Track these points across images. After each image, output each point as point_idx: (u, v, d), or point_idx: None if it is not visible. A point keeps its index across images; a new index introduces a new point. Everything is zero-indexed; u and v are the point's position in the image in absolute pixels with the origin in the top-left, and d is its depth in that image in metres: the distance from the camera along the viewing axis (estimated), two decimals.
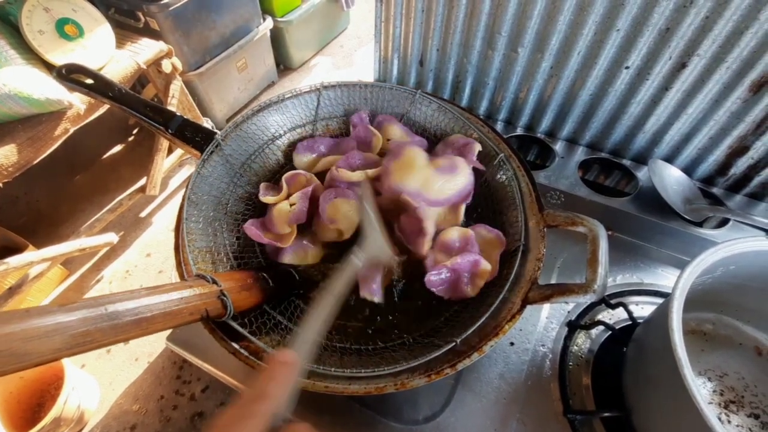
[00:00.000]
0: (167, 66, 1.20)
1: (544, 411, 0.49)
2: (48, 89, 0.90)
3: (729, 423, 0.46)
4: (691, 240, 0.61)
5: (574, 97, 0.69)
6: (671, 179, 0.65)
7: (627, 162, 0.71)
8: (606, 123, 0.70)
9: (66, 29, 1.00)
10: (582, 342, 0.54)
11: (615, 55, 0.61)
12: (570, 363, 0.52)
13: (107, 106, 1.04)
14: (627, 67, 0.61)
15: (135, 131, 1.79)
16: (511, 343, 0.54)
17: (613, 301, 0.54)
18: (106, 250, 1.38)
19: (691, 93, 0.60)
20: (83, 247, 1.17)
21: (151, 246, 1.44)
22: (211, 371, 0.53)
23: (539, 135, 0.76)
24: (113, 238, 1.27)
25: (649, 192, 0.64)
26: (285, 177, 0.55)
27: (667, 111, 0.63)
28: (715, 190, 0.68)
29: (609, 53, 0.61)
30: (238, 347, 0.40)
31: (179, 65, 1.25)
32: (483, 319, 0.41)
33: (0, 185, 0.91)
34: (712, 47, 0.54)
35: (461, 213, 0.54)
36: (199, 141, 0.53)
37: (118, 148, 1.73)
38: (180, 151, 1.47)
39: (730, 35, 0.53)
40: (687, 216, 0.61)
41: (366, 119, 0.63)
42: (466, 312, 0.48)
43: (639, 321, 0.52)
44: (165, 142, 1.32)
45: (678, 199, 0.62)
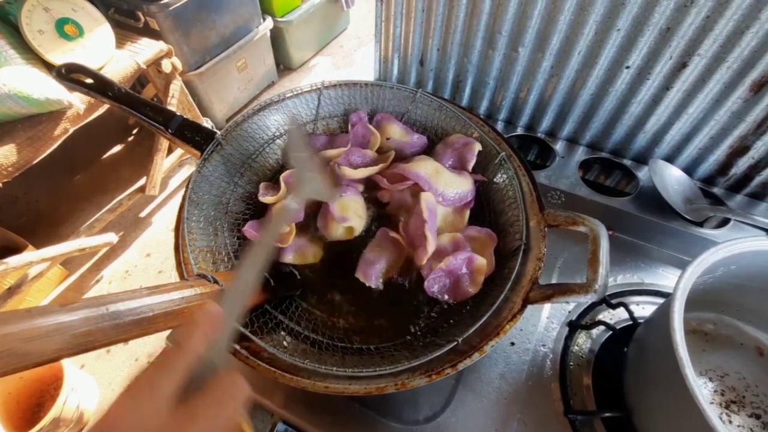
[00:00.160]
0: (167, 66, 1.20)
1: (544, 411, 0.49)
2: (48, 89, 0.90)
3: (730, 423, 0.46)
4: (692, 240, 0.61)
5: (574, 97, 0.69)
6: (672, 179, 0.65)
7: (627, 162, 0.71)
8: (606, 123, 0.70)
9: (66, 29, 1.00)
10: (583, 342, 0.54)
11: (615, 55, 0.61)
12: (571, 363, 0.52)
13: (107, 106, 1.04)
14: (628, 67, 0.61)
15: (135, 131, 1.79)
16: (512, 343, 0.54)
17: (614, 301, 0.54)
18: (105, 250, 1.38)
19: (692, 93, 0.60)
20: (83, 247, 1.17)
21: (151, 246, 1.44)
22: None
23: (540, 135, 0.76)
24: (113, 238, 1.27)
25: (650, 192, 0.64)
26: (283, 176, 0.54)
27: (668, 111, 0.63)
28: (716, 189, 0.68)
29: (609, 53, 0.61)
30: (237, 347, 0.40)
31: (179, 65, 1.25)
32: (485, 318, 0.41)
33: (0, 185, 0.91)
34: (712, 47, 0.54)
35: (466, 217, 0.55)
36: (199, 141, 0.53)
37: (117, 148, 1.73)
38: (180, 151, 1.47)
39: (730, 35, 0.53)
40: (688, 216, 0.61)
41: (365, 118, 0.63)
42: (467, 311, 0.48)
43: (640, 321, 0.52)
44: (165, 142, 1.32)
45: (679, 199, 0.62)
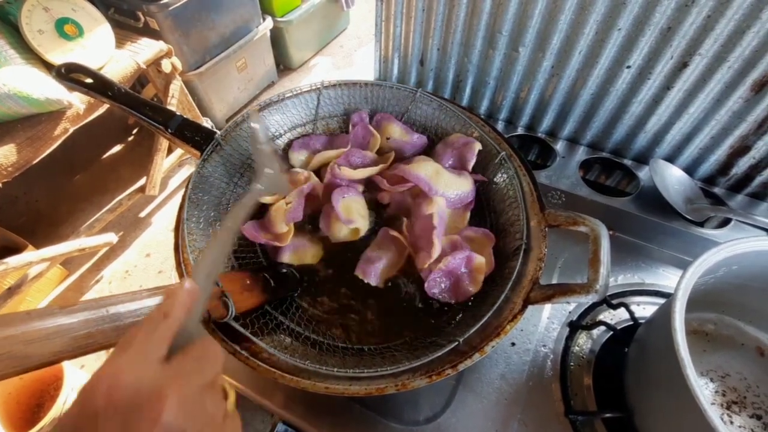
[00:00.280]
0: (167, 66, 1.20)
1: (545, 411, 0.48)
2: (47, 89, 0.90)
3: (731, 424, 0.46)
4: (693, 240, 0.61)
5: (575, 97, 0.69)
6: (673, 179, 0.64)
7: (628, 162, 0.71)
8: (607, 122, 0.70)
9: (65, 29, 1.00)
10: (583, 342, 0.54)
11: (616, 55, 0.61)
12: (571, 363, 0.52)
13: (107, 105, 1.04)
14: (628, 67, 0.61)
15: (135, 131, 1.79)
16: (513, 344, 0.54)
17: (615, 302, 0.54)
18: (105, 250, 1.38)
19: (693, 92, 0.60)
20: (83, 247, 1.17)
21: (151, 246, 1.43)
22: None
23: (540, 134, 0.76)
24: (112, 238, 1.27)
25: (651, 192, 0.64)
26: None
27: (669, 110, 0.63)
28: (717, 189, 0.68)
29: (610, 52, 0.61)
30: (237, 348, 0.40)
31: (179, 65, 1.25)
32: (486, 318, 0.41)
33: (0, 185, 0.91)
34: (713, 46, 0.54)
35: (467, 218, 0.55)
36: (199, 141, 0.53)
37: (117, 147, 1.73)
38: (180, 151, 1.47)
39: (731, 34, 0.52)
40: (688, 216, 0.61)
41: (366, 118, 0.63)
42: (468, 311, 0.48)
43: (641, 321, 0.52)
44: (165, 141, 1.32)
45: (679, 199, 0.62)
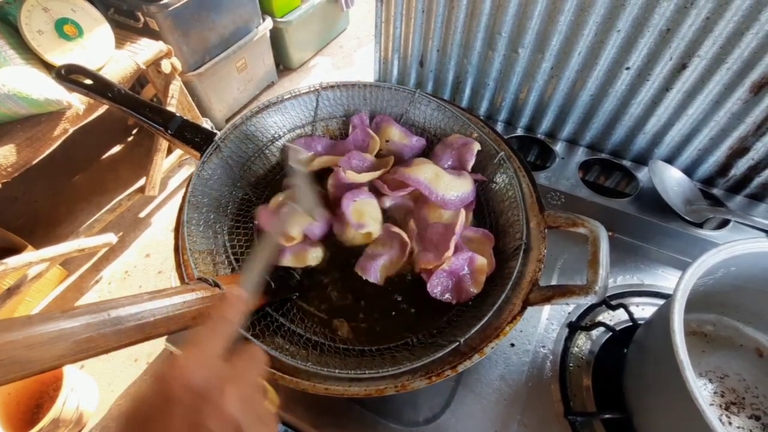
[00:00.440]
0: (166, 66, 1.20)
1: (544, 412, 0.49)
2: (47, 89, 0.90)
3: (730, 424, 0.46)
4: (692, 241, 0.61)
5: (574, 98, 0.69)
6: (672, 180, 0.65)
7: (627, 163, 0.71)
8: (606, 124, 0.70)
9: (65, 29, 1.00)
10: (582, 343, 0.54)
11: (615, 56, 0.61)
12: (570, 364, 0.52)
13: (106, 106, 1.04)
14: (627, 68, 0.61)
15: (134, 131, 1.78)
16: (512, 345, 0.54)
17: (614, 303, 0.54)
18: (105, 250, 1.38)
19: (692, 94, 0.60)
20: (82, 248, 1.17)
21: (151, 246, 1.43)
22: None
23: (539, 136, 0.76)
24: (112, 238, 1.27)
25: (650, 193, 0.64)
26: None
27: (668, 112, 0.63)
28: (716, 191, 0.68)
29: (609, 54, 0.61)
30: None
31: (178, 65, 1.25)
32: (487, 318, 0.41)
33: None
34: (712, 48, 0.54)
35: (469, 218, 0.56)
36: (199, 142, 0.53)
37: (117, 148, 1.72)
38: (179, 152, 1.47)
39: (730, 36, 0.53)
40: (687, 217, 0.61)
41: (366, 121, 0.63)
42: (468, 312, 0.48)
43: (640, 322, 0.52)
44: (164, 142, 1.32)
45: (678, 200, 0.62)
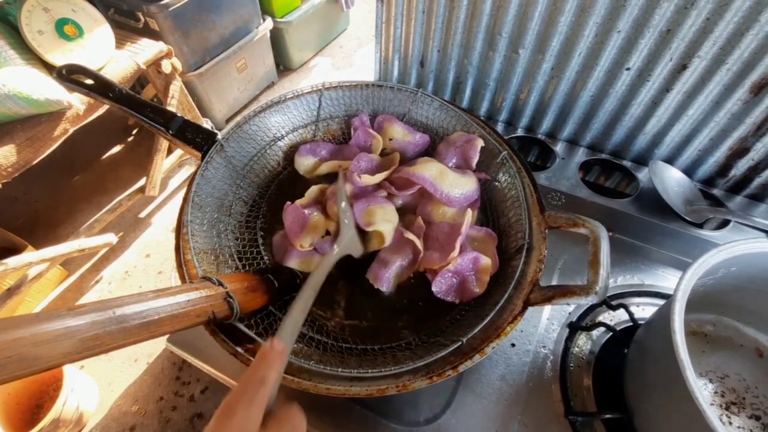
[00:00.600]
0: (167, 66, 1.20)
1: (545, 412, 0.49)
2: (47, 89, 0.90)
3: (730, 425, 0.46)
4: (692, 241, 0.61)
5: (574, 99, 0.69)
6: (672, 180, 0.65)
7: (627, 163, 0.72)
8: (607, 124, 0.70)
9: (65, 29, 1.00)
10: (583, 343, 0.54)
11: (616, 57, 0.61)
12: (571, 364, 0.52)
13: (106, 106, 1.04)
14: (628, 69, 0.61)
15: (134, 132, 1.78)
16: (513, 345, 0.54)
17: (614, 303, 0.54)
18: (105, 250, 1.38)
19: (692, 94, 0.60)
20: (82, 248, 1.17)
21: (151, 246, 1.43)
22: (211, 372, 0.53)
23: (540, 136, 0.76)
24: (112, 238, 1.27)
25: (650, 193, 0.64)
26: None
27: (668, 112, 0.64)
28: (716, 191, 0.68)
29: (610, 54, 0.61)
30: (239, 349, 0.40)
31: (179, 66, 1.25)
32: (489, 318, 0.41)
33: None
34: (712, 49, 0.55)
35: (474, 217, 0.55)
36: (200, 142, 0.53)
37: (117, 148, 1.72)
38: (179, 152, 1.47)
39: (730, 37, 0.53)
40: (687, 217, 0.61)
41: (367, 121, 0.63)
42: (470, 311, 0.48)
43: (640, 322, 0.52)
44: (164, 142, 1.32)
45: (678, 201, 0.62)
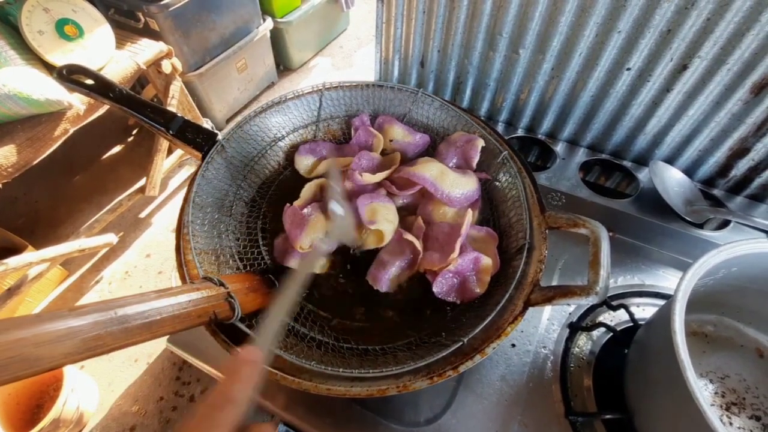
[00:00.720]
0: (167, 66, 1.20)
1: (545, 413, 0.49)
2: (47, 90, 0.90)
3: (731, 425, 0.46)
4: (692, 241, 0.61)
5: (575, 99, 0.69)
6: (672, 181, 0.65)
7: (628, 163, 0.72)
8: (607, 124, 0.70)
9: (66, 30, 1.00)
10: (583, 344, 0.54)
11: (616, 57, 0.61)
12: (571, 365, 0.52)
13: (107, 106, 1.04)
14: (628, 69, 0.61)
15: (134, 132, 1.79)
16: (513, 345, 0.54)
17: (615, 303, 0.54)
18: (105, 250, 1.38)
19: (692, 95, 0.60)
20: (82, 248, 1.17)
21: (151, 246, 1.43)
22: (212, 372, 0.53)
23: (540, 136, 0.76)
24: (112, 238, 1.27)
25: (650, 193, 0.64)
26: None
27: (668, 113, 0.64)
28: (716, 191, 0.68)
29: (610, 55, 0.61)
30: (240, 350, 0.40)
31: (179, 66, 1.25)
32: (490, 318, 0.41)
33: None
34: (713, 49, 0.55)
35: (475, 217, 0.55)
36: (200, 142, 0.53)
37: (117, 148, 1.72)
38: (179, 152, 1.47)
39: (731, 37, 0.53)
40: (688, 217, 0.61)
41: (367, 121, 0.63)
42: (471, 311, 0.48)
43: (640, 323, 0.52)
44: (164, 142, 1.32)
45: (679, 201, 0.62)
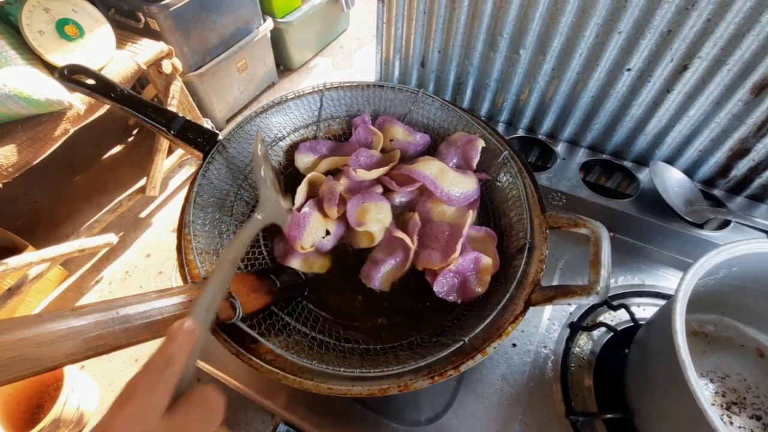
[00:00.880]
0: (167, 66, 1.20)
1: (546, 412, 0.49)
2: (48, 90, 0.90)
3: (731, 425, 0.46)
4: (693, 241, 0.61)
5: (575, 99, 0.69)
6: (672, 181, 0.65)
7: (628, 164, 0.72)
8: (607, 125, 0.70)
9: (66, 29, 1.00)
10: (584, 343, 0.54)
11: (617, 57, 0.61)
12: (572, 364, 0.52)
13: (107, 106, 1.04)
14: (629, 69, 0.61)
15: (135, 132, 1.79)
16: (514, 345, 0.54)
17: (615, 303, 0.54)
18: (105, 250, 1.38)
19: (693, 95, 0.60)
20: (83, 248, 1.17)
21: (151, 246, 1.43)
22: (212, 372, 0.53)
23: (540, 136, 0.76)
24: (113, 238, 1.27)
25: (651, 194, 0.65)
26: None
27: (669, 113, 0.64)
28: (716, 191, 0.68)
29: (611, 55, 0.61)
30: (240, 349, 0.40)
31: (179, 66, 1.25)
32: (491, 317, 0.41)
33: (0, 185, 0.91)
34: (713, 50, 0.55)
35: (473, 217, 0.55)
36: (201, 142, 0.53)
37: (117, 148, 1.73)
38: (180, 152, 1.47)
39: (731, 38, 0.53)
40: (688, 218, 0.61)
41: (368, 121, 0.63)
42: (472, 311, 0.48)
43: (641, 322, 0.52)
44: (165, 142, 1.32)
45: (679, 201, 0.62)
